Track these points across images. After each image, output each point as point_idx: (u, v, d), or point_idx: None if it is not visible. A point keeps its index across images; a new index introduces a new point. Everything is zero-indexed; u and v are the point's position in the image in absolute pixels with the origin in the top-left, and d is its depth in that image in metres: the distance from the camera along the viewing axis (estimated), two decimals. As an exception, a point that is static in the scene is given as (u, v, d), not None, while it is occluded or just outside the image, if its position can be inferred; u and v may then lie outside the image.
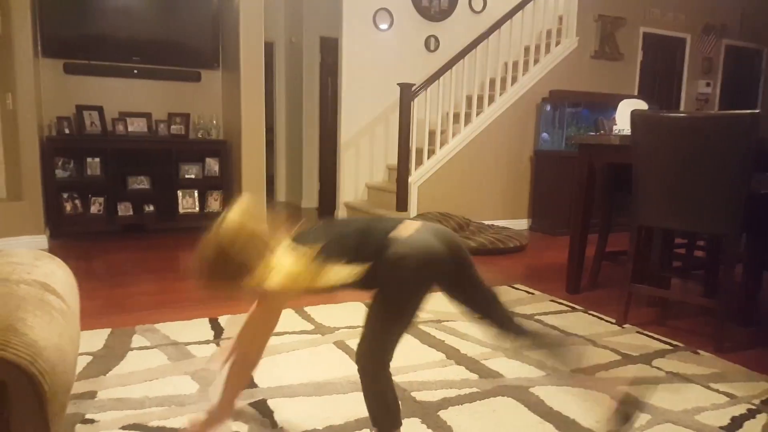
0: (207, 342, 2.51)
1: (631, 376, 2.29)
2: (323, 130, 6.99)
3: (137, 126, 5.13)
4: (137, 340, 2.51)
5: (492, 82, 5.87)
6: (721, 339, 2.64)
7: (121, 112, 5.11)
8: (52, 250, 4.16)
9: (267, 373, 2.18)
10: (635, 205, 2.86)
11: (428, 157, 5.57)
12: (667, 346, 2.66)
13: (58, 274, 1.67)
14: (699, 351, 2.61)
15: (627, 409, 1.72)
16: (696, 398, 2.12)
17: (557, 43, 6.20)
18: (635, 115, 2.80)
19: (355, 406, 1.95)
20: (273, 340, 2.50)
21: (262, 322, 1.53)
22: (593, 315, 3.10)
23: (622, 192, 3.49)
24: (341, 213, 6.19)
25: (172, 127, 5.25)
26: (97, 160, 4.93)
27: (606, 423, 1.73)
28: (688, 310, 3.29)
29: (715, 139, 2.54)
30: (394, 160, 5.69)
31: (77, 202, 4.89)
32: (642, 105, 3.39)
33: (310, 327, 2.74)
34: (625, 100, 3.60)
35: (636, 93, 6.86)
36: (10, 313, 1.19)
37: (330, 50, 6.50)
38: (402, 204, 5.36)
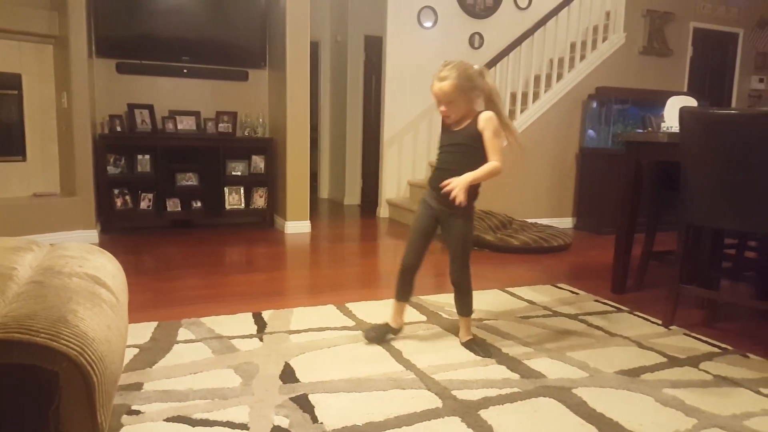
0: (250, 336, 2.56)
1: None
2: (366, 127, 7.02)
3: (186, 124, 5.27)
4: (183, 333, 2.58)
5: (537, 79, 5.79)
6: (773, 343, 2.55)
7: (171, 111, 5.25)
8: (103, 244, 4.31)
9: (308, 369, 2.21)
10: (683, 203, 2.79)
11: (471, 155, 5.51)
12: (716, 349, 2.58)
13: (108, 268, 1.73)
14: (749, 354, 2.52)
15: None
16: (745, 403, 2.05)
17: (604, 39, 6.07)
18: (684, 112, 2.72)
19: (395, 403, 1.96)
20: (314, 336, 2.55)
21: None
22: (639, 316, 3.03)
23: (670, 190, 3.40)
24: (383, 210, 6.21)
25: (220, 125, 5.36)
26: (147, 157, 5.08)
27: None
28: (738, 312, 3.19)
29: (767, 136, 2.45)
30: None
31: (127, 197, 5.05)
32: (691, 102, 3.29)
33: (351, 323, 2.76)
34: (673, 97, 3.51)
35: (685, 90, 6.66)
36: (62, 305, 1.25)
37: (374, 49, 6.52)
38: (444, 202, 5.32)
